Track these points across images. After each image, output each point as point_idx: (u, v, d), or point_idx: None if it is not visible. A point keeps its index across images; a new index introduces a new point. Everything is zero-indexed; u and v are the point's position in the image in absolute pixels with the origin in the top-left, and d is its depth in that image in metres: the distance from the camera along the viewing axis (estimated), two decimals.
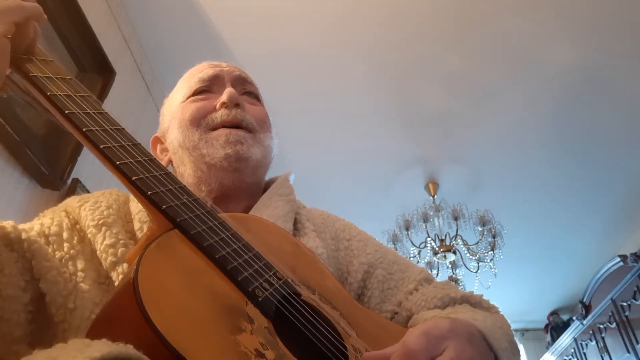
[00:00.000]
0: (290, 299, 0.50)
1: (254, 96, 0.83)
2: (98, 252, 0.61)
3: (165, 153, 0.80)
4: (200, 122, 0.75)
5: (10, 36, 0.56)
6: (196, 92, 0.79)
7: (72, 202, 0.69)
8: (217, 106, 0.76)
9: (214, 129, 0.74)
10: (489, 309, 0.71)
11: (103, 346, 0.34)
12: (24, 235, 0.59)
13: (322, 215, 0.82)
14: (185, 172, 0.75)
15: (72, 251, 0.61)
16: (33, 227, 0.63)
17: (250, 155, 0.73)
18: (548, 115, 2.76)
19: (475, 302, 0.70)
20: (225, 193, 0.73)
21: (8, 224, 0.58)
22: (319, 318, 0.52)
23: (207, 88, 0.80)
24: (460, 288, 0.74)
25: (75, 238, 0.63)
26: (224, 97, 0.76)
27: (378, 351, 0.48)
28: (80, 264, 0.60)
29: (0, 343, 0.52)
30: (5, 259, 0.55)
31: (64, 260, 0.60)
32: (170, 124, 0.80)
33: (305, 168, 3.03)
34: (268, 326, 0.45)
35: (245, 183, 0.75)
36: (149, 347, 0.35)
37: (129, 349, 0.34)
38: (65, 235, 0.63)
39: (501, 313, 0.71)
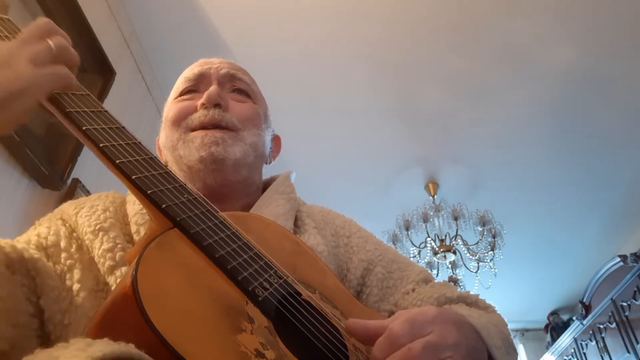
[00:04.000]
0: (291, 299, 0.50)
1: (244, 93, 0.81)
2: (96, 257, 0.61)
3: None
4: (180, 123, 0.74)
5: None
6: (183, 92, 0.79)
7: (68, 208, 0.68)
8: (198, 107, 0.75)
9: (193, 129, 0.74)
10: (486, 308, 0.70)
11: (105, 345, 0.34)
12: (26, 255, 0.57)
13: (322, 211, 0.82)
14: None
15: (68, 261, 0.60)
16: (30, 240, 0.62)
17: (227, 156, 0.71)
18: (548, 115, 2.76)
19: (471, 302, 0.70)
20: (216, 192, 0.71)
21: (6, 243, 0.57)
22: (320, 317, 0.52)
23: (194, 87, 0.79)
24: (460, 288, 0.74)
25: (74, 246, 0.62)
26: (203, 98, 0.75)
27: (363, 321, 0.48)
28: (76, 274, 0.59)
29: None
30: (10, 284, 0.53)
31: (62, 273, 0.59)
32: (162, 125, 0.81)
33: (305, 168, 3.02)
34: (268, 326, 0.45)
35: (229, 182, 0.73)
36: (148, 347, 0.35)
37: (131, 348, 0.34)
38: (63, 244, 0.62)
39: (498, 313, 0.70)
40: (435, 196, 3.32)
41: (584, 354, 3.80)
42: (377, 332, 0.46)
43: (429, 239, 3.22)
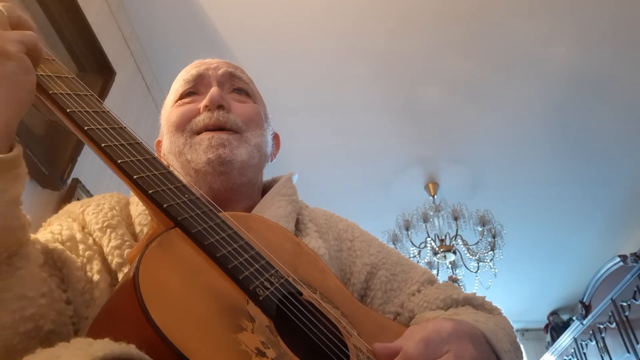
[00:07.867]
0: (292, 298, 0.50)
1: (244, 93, 0.81)
2: (105, 254, 0.61)
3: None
4: (185, 127, 0.74)
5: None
6: (182, 95, 0.78)
7: (73, 208, 0.68)
8: (201, 109, 0.74)
9: (198, 133, 0.73)
10: (492, 310, 0.70)
11: (106, 345, 0.34)
12: (50, 246, 0.57)
13: (324, 215, 0.81)
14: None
15: (87, 252, 0.60)
16: (45, 237, 0.61)
17: (234, 158, 0.71)
18: (548, 116, 2.76)
19: (477, 304, 0.70)
20: (218, 197, 0.71)
21: (31, 235, 0.56)
22: (320, 317, 0.52)
23: (194, 89, 0.78)
24: (460, 288, 0.74)
25: (90, 239, 0.62)
26: (205, 100, 0.74)
27: (388, 344, 0.48)
28: (96, 266, 0.59)
29: None
30: (43, 275, 0.53)
31: (83, 265, 0.59)
32: (163, 129, 0.79)
33: (305, 167, 3.02)
34: (269, 325, 0.45)
35: (235, 185, 0.74)
36: (149, 345, 0.35)
37: (131, 349, 0.34)
38: (78, 236, 0.62)
39: (504, 315, 0.70)
40: (435, 196, 3.32)
41: (584, 354, 3.80)
42: (396, 351, 0.46)
43: (429, 239, 3.22)
